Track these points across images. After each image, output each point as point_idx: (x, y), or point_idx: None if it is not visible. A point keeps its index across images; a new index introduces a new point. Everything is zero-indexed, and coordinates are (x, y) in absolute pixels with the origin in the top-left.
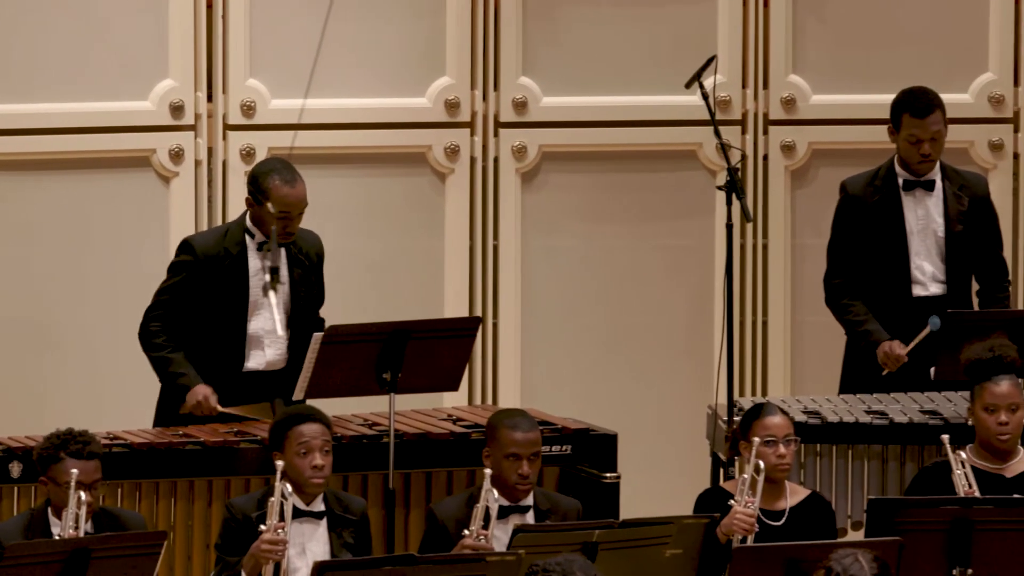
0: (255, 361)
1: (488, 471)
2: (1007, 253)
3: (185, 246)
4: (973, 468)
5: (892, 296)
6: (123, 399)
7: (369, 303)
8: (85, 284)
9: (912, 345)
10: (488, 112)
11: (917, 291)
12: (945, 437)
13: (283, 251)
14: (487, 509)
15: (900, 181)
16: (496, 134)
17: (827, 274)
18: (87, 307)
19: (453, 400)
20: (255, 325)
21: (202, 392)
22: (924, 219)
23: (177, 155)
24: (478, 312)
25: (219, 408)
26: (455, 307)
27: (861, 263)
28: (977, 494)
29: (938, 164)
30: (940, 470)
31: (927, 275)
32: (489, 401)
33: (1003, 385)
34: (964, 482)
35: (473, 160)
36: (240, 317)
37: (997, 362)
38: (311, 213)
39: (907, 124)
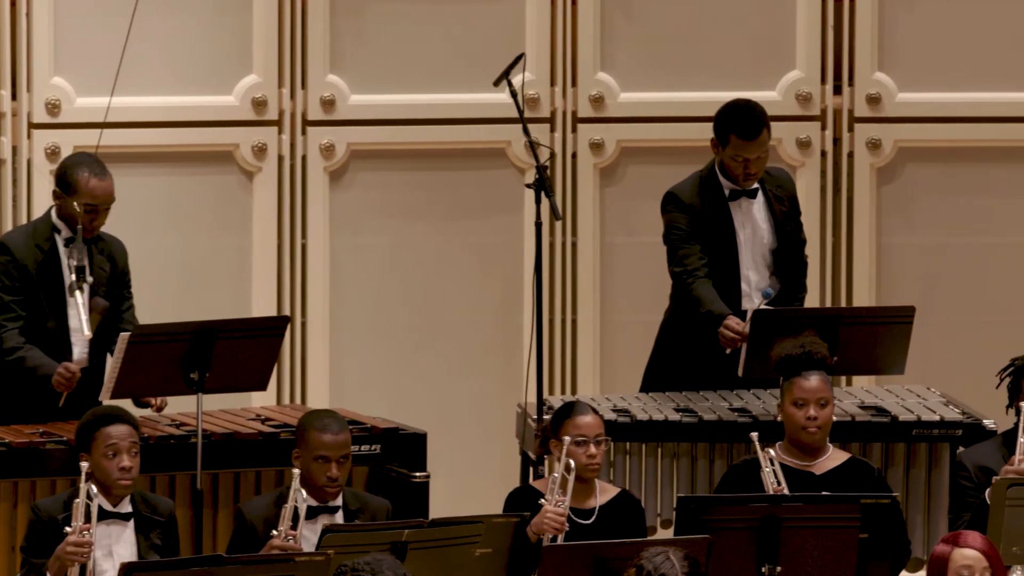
0: (75, 357)
1: (297, 471)
2: (816, 250)
3: (0, 247)
4: (782, 465)
5: None
6: None
7: (176, 302)
8: None
9: (748, 322)
10: (296, 110)
11: (745, 304)
12: (754, 435)
13: (87, 250)
14: (296, 509)
15: (726, 192)
16: (304, 132)
17: (675, 262)
18: None
19: (261, 400)
20: (70, 323)
21: (61, 369)
22: (751, 228)
23: None
24: (287, 311)
25: (75, 367)
26: (263, 306)
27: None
28: (786, 491)
29: None
30: (749, 467)
31: (752, 286)
32: (298, 401)
33: (812, 380)
34: (773, 479)
35: (281, 158)
36: (60, 313)
37: (807, 358)
38: (120, 212)
39: (734, 144)
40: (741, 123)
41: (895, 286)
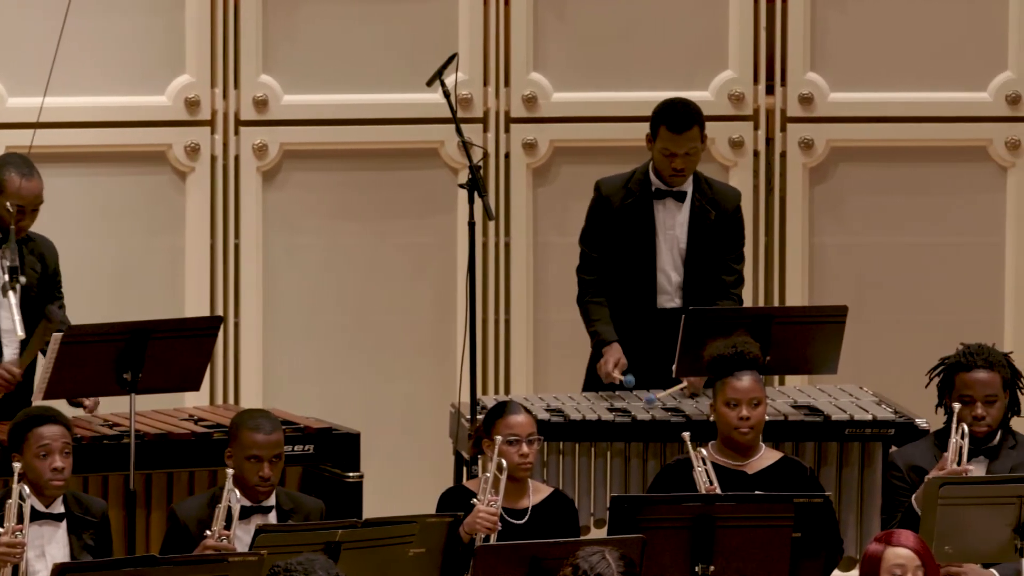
0: (5, 357)
1: (230, 471)
2: (749, 250)
3: None
4: (715, 465)
5: (637, 305)
6: None
7: (109, 303)
8: None
9: (620, 379)
10: (228, 110)
11: (661, 302)
12: (686, 435)
13: (19, 250)
14: (229, 509)
15: (653, 189)
16: (236, 132)
17: (580, 267)
18: None
19: (195, 400)
20: (2, 324)
21: (2, 371)
22: (671, 229)
23: None
24: (220, 311)
25: (16, 369)
26: (196, 306)
27: (609, 266)
28: (718, 491)
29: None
30: (682, 467)
31: (673, 286)
32: (231, 401)
33: (745, 380)
34: (705, 479)
35: (214, 159)
36: None
37: (739, 358)
38: (52, 212)
39: (663, 137)
40: (671, 116)
41: (827, 286)
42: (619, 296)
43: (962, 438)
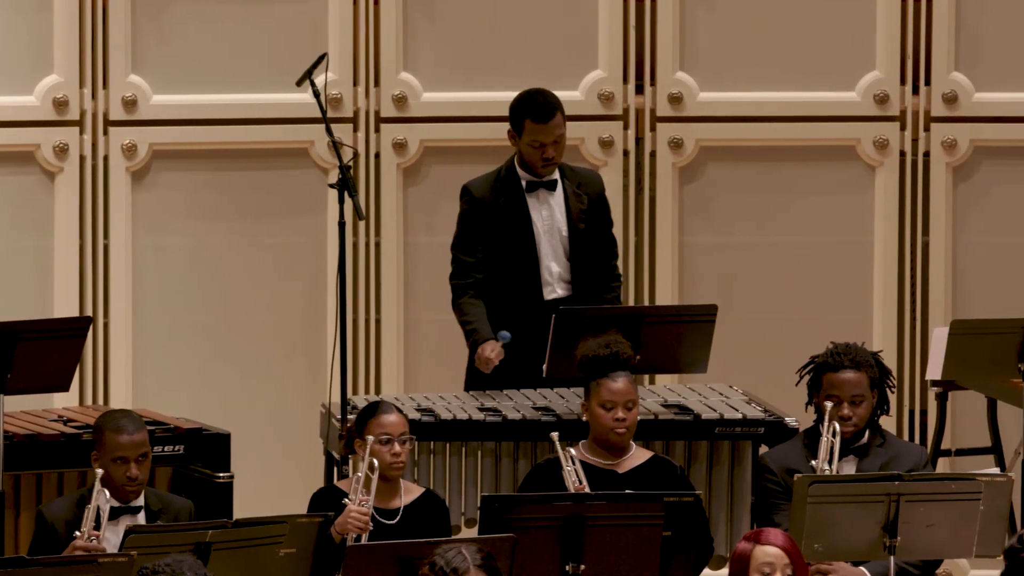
0: None
1: (100, 471)
2: (619, 249)
3: None
4: (585, 464)
5: (523, 299)
6: None
7: None
8: None
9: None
10: (97, 110)
11: (547, 293)
12: (554, 435)
13: None
14: (99, 510)
15: (523, 183)
16: (106, 132)
17: (452, 274)
18: None
19: (64, 401)
20: None
21: None
22: (549, 219)
23: None
24: (88, 312)
25: None
26: (65, 307)
27: (491, 266)
28: (587, 490)
29: None
30: (552, 467)
31: (555, 276)
32: (100, 401)
33: (620, 382)
34: (574, 478)
35: (83, 159)
36: None
37: (613, 359)
38: None
39: (529, 130)
40: (534, 107)
41: (697, 285)
42: (506, 292)
43: (833, 436)
